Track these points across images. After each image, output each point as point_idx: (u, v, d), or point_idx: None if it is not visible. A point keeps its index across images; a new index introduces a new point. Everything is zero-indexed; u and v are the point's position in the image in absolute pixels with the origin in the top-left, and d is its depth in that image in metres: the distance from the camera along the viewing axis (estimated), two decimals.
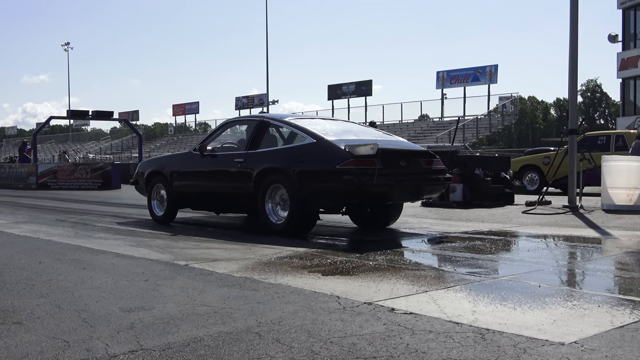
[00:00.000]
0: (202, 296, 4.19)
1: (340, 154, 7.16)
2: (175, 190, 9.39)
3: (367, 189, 7.12)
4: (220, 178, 8.72)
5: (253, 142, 8.34)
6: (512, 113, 44.49)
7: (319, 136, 7.58)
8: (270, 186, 7.83)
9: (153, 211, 9.87)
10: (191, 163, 9.22)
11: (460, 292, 4.29)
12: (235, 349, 3.02)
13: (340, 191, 7.22)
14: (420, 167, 7.79)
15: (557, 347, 2.99)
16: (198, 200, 9.39)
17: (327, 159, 7.28)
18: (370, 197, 7.46)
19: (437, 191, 8.42)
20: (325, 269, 5.26)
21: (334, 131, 8.03)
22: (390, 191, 7.48)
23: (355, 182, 6.99)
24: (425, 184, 7.81)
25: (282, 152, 8.05)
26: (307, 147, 7.60)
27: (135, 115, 70.54)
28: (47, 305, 3.96)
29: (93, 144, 71.64)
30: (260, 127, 8.44)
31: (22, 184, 24.75)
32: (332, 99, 53.21)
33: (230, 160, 8.48)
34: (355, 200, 7.52)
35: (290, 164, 7.58)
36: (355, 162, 7.01)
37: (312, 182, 7.43)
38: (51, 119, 31.50)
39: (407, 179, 7.57)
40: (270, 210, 7.88)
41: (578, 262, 6.05)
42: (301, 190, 7.41)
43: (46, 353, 2.97)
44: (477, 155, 19.25)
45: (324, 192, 7.42)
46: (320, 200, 7.62)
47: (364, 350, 2.97)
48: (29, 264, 5.60)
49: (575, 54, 11.27)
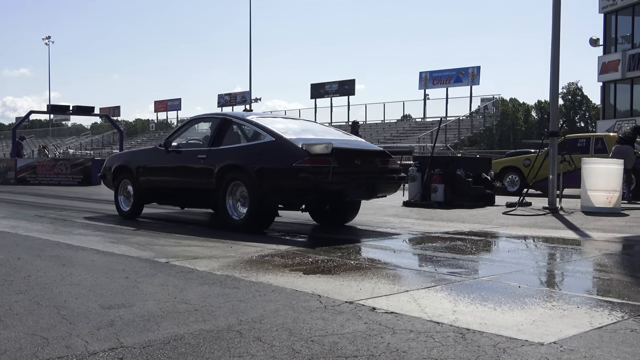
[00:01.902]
0: (183, 294, 4.17)
1: (297, 152, 7.36)
2: (142, 186, 9.52)
3: (323, 187, 7.32)
4: (184, 174, 8.89)
5: (216, 139, 8.51)
6: (493, 114, 44.76)
7: (278, 134, 7.78)
8: (231, 183, 8.02)
9: (119, 206, 9.96)
10: (157, 159, 9.36)
11: (441, 292, 4.31)
12: (216, 347, 3.01)
13: (297, 188, 7.43)
14: (376, 166, 8.07)
15: (536, 347, 3.01)
16: (163, 195, 9.56)
17: (285, 156, 7.48)
18: (326, 194, 7.64)
19: (391, 189, 8.58)
20: (306, 267, 5.25)
21: (294, 130, 8.24)
22: (345, 189, 7.69)
23: (311, 179, 7.21)
24: (380, 183, 8.09)
25: (243, 149, 8.20)
26: (266, 145, 7.81)
27: (117, 111, 70.03)
28: (26, 301, 3.93)
29: (73, 140, 71.05)
30: (223, 124, 8.61)
31: (0, 178, 24.50)
32: (315, 98, 53.18)
33: (194, 157, 8.65)
34: (311, 197, 7.72)
35: (249, 162, 7.76)
36: (311, 160, 7.23)
37: (270, 180, 7.63)
38: (31, 114, 31.20)
39: (361, 177, 7.81)
40: (231, 206, 8.06)
41: (557, 264, 6.10)
42: (260, 187, 7.61)
43: (25, 350, 2.95)
44: (458, 156, 19.41)
45: (282, 189, 7.63)
46: (278, 197, 7.83)
47: (345, 349, 2.98)
48: (7, 259, 5.54)
49: (556, 57, 11.36)
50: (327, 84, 52.66)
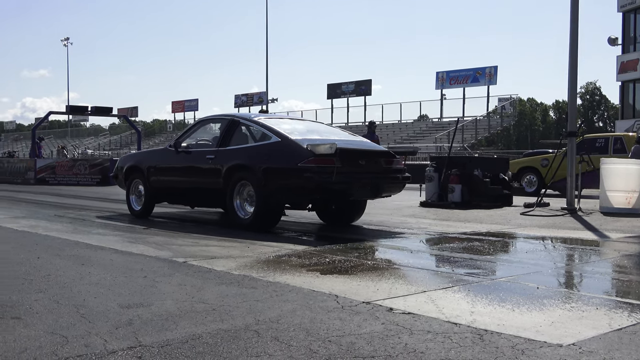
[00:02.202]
0: (201, 293, 4.19)
1: (302, 152, 7.49)
2: (152, 185, 9.70)
3: (327, 186, 7.42)
4: (193, 174, 9.05)
5: (224, 139, 8.66)
6: (511, 114, 44.53)
7: (284, 135, 7.91)
8: (238, 182, 8.16)
9: (131, 205, 10.16)
10: (167, 159, 9.54)
11: (459, 292, 4.29)
12: (234, 346, 3.02)
13: (302, 188, 7.55)
14: (380, 166, 8.16)
15: (555, 349, 2.99)
16: (174, 195, 9.74)
17: (290, 157, 7.60)
18: (330, 193, 7.72)
19: (396, 189, 8.62)
20: (323, 267, 5.26)
21: (299, 131, 8.38)
22: (349, 188, 7.78)
23: (316, 179, 7.33)
24: (384, 182, 8.18)
25: (250, 149, 8.34)
26: (272, 146, 7.93)
27: (135, 112, 70.48)
28: (46, 300, 3.96)
29: (92, 140, 71.56)
30: (231, 125, 8.75)
31: (20, 178, 24.73)
32: (332, 98, 53.18)
33: (203, 157, 8.81)
34: (316, 196, 7.81)
35: (256, 162, 7.91)
36: (316, 161, 7.36)
37: (276, 179, 7.76)
38: (50, 114, 31.41)
39: (366, 177, 7.92)
40: (238, 205, 8.20)
41: (576, 265, 6.06)
42: (266, 186, 7.74)
43: (45, 348, 2.97)
44: (475, 156, 19.28)
45: (287, 188, 7.76)
46: (284, 197, 7.95)
47: (362, 350, 2.98)
48: (27, 259, 5.59)
49: (575, 56, 11.28)
50: (344, 84, 52.64)
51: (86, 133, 78.07)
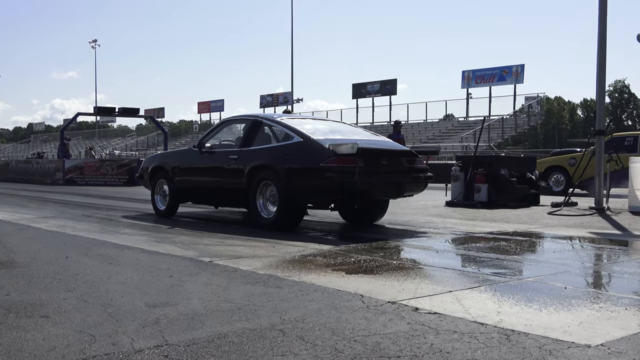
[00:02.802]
0: (227, 293, 4.21)
1: (324, 152, 7.52)
2: (177, 185, 9.83)
3: (349, 186, 7.43)
4: (216, 174, 9.11)
5: (247, 140, 8.73)
6: (538, 113, 44.05)
7: (306, 135, 7.95)
8: (261, 182, 8.22)
9: (156, 205, 10.32)
10: (191, 159, 9.65)
11: (485, 292, 4.26)
12: (260, 345, 3.03)
13: (324, 188, 7.56)
14: (402, 165, 8.15)
15: (583, 350, 2.96)
16: (197, 194, 9.84)
17: (312, 157, 7.64)
18: (352, 193, 7.72)
19: (418, 189, 8.60)
20: (349, 267, 5.25)
21: (322, 131, 8.43)
22: (370, 188, 7.77)
23: (337, 179, 7.34)
24: (406, 182, 8.15)
25: (272, 150, 8.37)
26: (294, 146, 7.97)
27: (161, 112, 71.02)
28: (74, 299, 4.01)
29: (119, 141, 72.27)
30: (254, 126, 8.82)
31: (49, 179, 25.06)
32: (357, 98, 53.08)
33: (226, 157, 8.87)
34: (338, 196, 7.80)
35: (279, 162, 7.95)
36: (337, 160, 7.38)
37: (298, 179, 7.79)
38: (78, 115, 31.74)
39: (387, 176, 7.92)
40: (261, 205, 8.27)
41: (604, 264, 5.98)
42: (288, 186, 7.78)
43: (73, 346, 3.01)
44: (502, 156, 19.12)
45: (309, 188, 7.78)
46: (306, 197, 7.97)
47: (388, 350, 2.97)
48: (56, 258, 5.66)
49: (603, 54, 11.13)
50: (369, 84, 52.52)
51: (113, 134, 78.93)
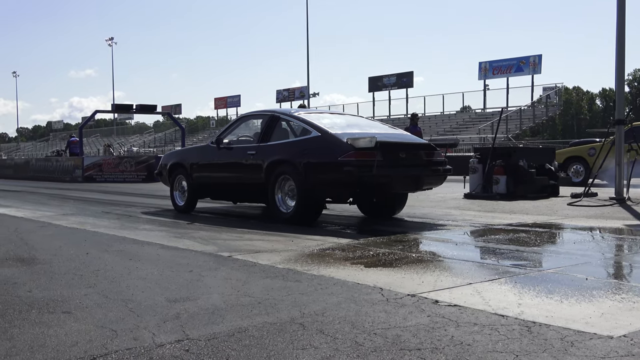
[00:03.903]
0: (246, 287, 4.22)
1: (342, 146, 7.51)
2: (195, 181, 9.89)
3: (367, 180, 7.43)
4: (235, 169, 9.15)
5: (264, 135, 8.76)
6: (556, 104, 43.77)
7: (324, 129, 7.96)
8: (280, 177, 8.24)
9: (175, 201, 10.41)
10: (209, 155, 9.71)
11: (505, 284, 4.24)
12: (280, 339, 3.04)
13: (342, 182, 7.58)
14: (421, 159, 8.12)
15: (605, 341, 2.93)
16: (216, 190, 9.91)
17: (330, 151, 7.63)
18: (371, 187, 7.74)
19: (437, 182, 8.56)
20: (367, 260, 5.25)
21: (339, 125, 8.42)
22: (389, 182, 7.77)
23: (356, 173, 7.34)
24: (425, 175, 8.11)
25: (290, 144, 8.41)
26: (312, 140, 7.99)
27: (178, 109, 71.35)
28: (95, 295, 4.04)
29: (137, 138, 72.71)
30: (271, 121, 8.85)
31: (68, 176, 25.25)
32: (373, 91, 52.99)
33: (244, 153, 8.90)
34: (356, 190, 7.81)
35: (297, 156, 7.97)
36: (356, 154, 7.36)
37: (316, 174, 7.79)
38: (96, 113, 31.97)
39: (406, 170, 7.88)
40: (280, 200, 8.29)
41: (626, 255, 5.92)
42: (307, 181, 7.79)
43: (95, 342, 3.03)
44: (520, 147, 19.00)
45: (328, 182, 7.78)
46: (325, 191, 7.97)
47: (408, 342, 2.96)
48: (76, 254, 5.71)
49: (622, 43, 11.01)
50: (385, 77, 52.38)
51: (131, 131, 79.39)
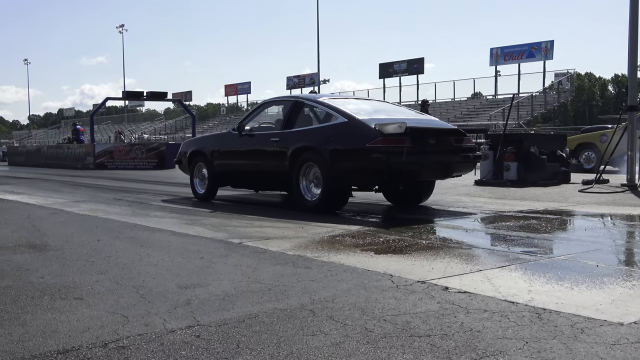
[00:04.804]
0: (256, 274, 4.24)
1: (370, 132, 7.32)
2: (216, 169, 9.76)
3: (396, 167, 7.28)
4: (257, 157, 9.02)
5: (288, 121, 8.59)
6: (568, 90, 43.46)
7: (351, 115, 7.77)
8: (304, 164, 8.08)
9: (195, 189, 10.28)
10: (230, 143, 9.58)
11: (516, 271, 4.23)
12: (290, 325, 3.05)
13: (370, 169, 7.42)
14: (450, 145, 7.90)
15: (615, 328, 2.93)
16: (237, 178, 9.76)
17: (357, 137, 7.45)
18: (399, 174, 7.59)
19: (467, 169, 8.43)
20: (378, 247, 5.25)
21: (366, 110, 8.22)
22: (419, 169, 7.60)
23: (384, 160, 7.18)
24: (455, 162, 7.94)
25: (316, 131, 8.25)
26: (338, 126, 7.80)
27: (189, 96, 71.36)
28: (107, 281, 4.07)
29: (147, 125, 72.80)
30: (295, 107, 8.68)
31: (80, 164, 25.38)
32: (384, 78, 52.78)
33: (267, 140, 8.75)
34: (385, 177, 7.66)
35: (322, 143, 7.79)
36: (384, 141, 7.18)
37: (343, 160, 7.63)
38: (107, 100, 32.03)
39: (436, 157, 7.70)
40: (305, 187, 8.13)
41: (637, 242, 5.90)
42: (333, 168, 7.63)
43: (106, 327, 3.06)
44: (532, 133, 18.88)
45: (355, 170, 7.62)
46: (352, 178, 7.83)
47: (418, 329, 2.97)
48: (88, 241, 5.75)
49: (635, 27, 10.91)
50: (396, 63, 52.16)
51: (142, 118, 79.50)
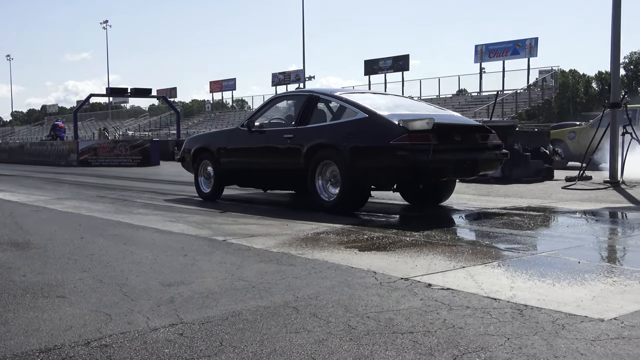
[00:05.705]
0: (240, 271, 4.23)
1: (393, 129, 6.94)
2: (223, 167, 9.26)
3: (422, 165, 6.89)
4: (268, 154, 8.58)
5: (302, 117, 8.16)
6: (552, 87, 43.67)
7: (372, 111, 7.38)
8: (321, 162, 7.67)
9: (200, 188, 9.73)
10: (239, 139, 9.10)
11: (498, 268, 4.26)
12: (273, 323, 3.06)
13: (394, 168, 7.06)
14: (476, 142, 7.55)
15: (596, 324, 2.96)
16: (245, 177, 9.27)
17: (380, 134, 7.08)
18: (425, 173, 7.21)
19: (493, 167, 8.10)
20: (362, 244, 5.27)
21: (386, 106, 7.85)
22: (445, 167, 7.21)
23: (410, 158, 6.79)
24: (481, 160, 7.55)
25: (333, 127, 7.89)
26: (359, 123, 7.41)
27: (173, 92, 70.96)
28: (90, 279, 4.05)
29: (132, 121, 72.39)
30: (310, 102, 8.26)
31: (63, 161, 25.20)
32: (369, 74, 52.76)
33: (279, 137, 8.33)
34: (409, 176, 7.32)
35: (341, 140, 7.41)
36: (410, 138, 6.78)
37: (364, 159, 7.28)
38: (91, 97, 31.91)
39: (462, 154, 7.32)
40: (321, 187, 7.72)
41: (619, 238, 5.95)
42: (353, 166, 7.25)
43: (89, 326, 3.05)
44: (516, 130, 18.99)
45: (377, 168, 7.26)
46: (373, 177, 7.49)
47: (401, 326, 2.98)
48: (71, 239, 5.72)
49: (618, 26, 10.99)
50: (381, 60, 52.15)
51: (126, 115, 79.04)
